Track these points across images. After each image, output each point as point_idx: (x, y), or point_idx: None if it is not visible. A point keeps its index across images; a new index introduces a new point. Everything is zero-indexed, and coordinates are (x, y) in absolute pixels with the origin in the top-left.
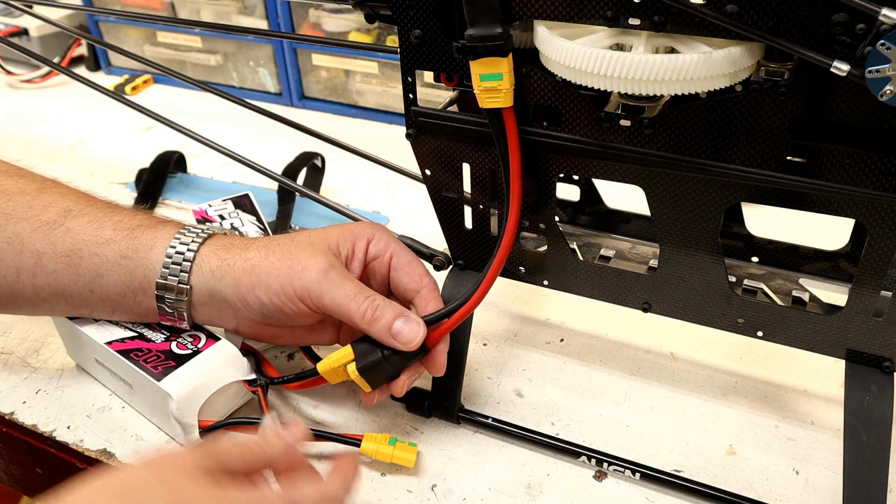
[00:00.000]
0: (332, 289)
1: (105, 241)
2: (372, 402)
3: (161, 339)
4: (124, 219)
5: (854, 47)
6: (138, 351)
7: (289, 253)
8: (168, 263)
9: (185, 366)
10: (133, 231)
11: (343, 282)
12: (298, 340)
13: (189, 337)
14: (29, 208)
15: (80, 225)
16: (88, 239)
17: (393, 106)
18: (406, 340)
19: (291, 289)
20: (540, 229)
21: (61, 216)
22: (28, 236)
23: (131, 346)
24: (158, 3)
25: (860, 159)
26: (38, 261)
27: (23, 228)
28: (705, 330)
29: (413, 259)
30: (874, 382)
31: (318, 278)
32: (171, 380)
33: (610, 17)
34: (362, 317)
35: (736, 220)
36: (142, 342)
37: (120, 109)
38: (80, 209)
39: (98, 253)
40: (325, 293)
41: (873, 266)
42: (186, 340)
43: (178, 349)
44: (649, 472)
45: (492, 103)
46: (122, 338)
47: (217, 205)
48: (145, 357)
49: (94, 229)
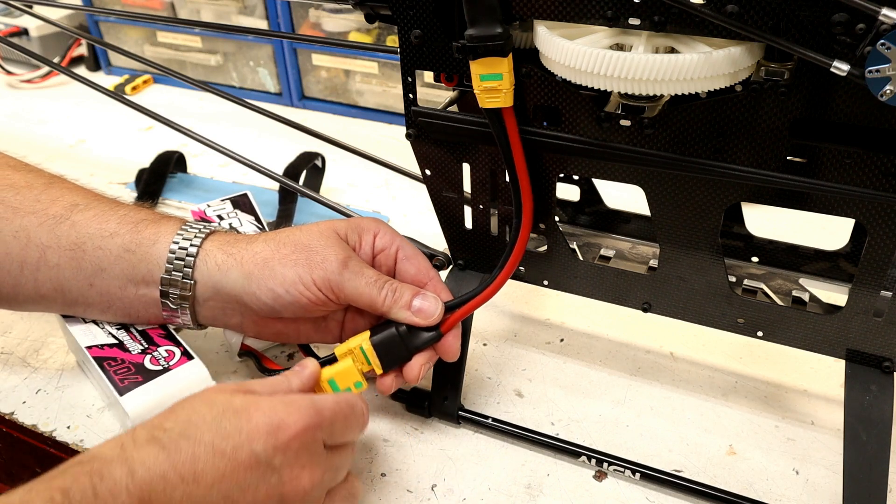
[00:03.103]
0: (353, 277)
1: (109, 234)
2: (386, 388)
3: (138, 350)
4: (129, 213)
5: (854, 47)
6: (112, 360)
7: (302, 244)
8: (172, 259)
9: (150, 382)
10: (137, 225)
11: (363, 270)
12: (302, 338)
13: (165, 352)
14: (36, 202)
15: (86, 218)
16: (93, 232)
17: (393, 106)
18: (427, 315)
19: (310, 278)
20: (540, 229)
21: (68, 210)
22: (34, 230)
23: (108, 353)
24: (158, 3)
25: (860, 159)
26: (42, 255)
27: (30, 222)
28: (705, 330)
29: (418, 252)
30: (874, 382)
31: (339, 268)
32: (133, 396)
33: (610, 17)
34: (384, 301)
35: (736, 220)
36: (119, 351)
37: (120, 109)
38: (86, 203)
39: (101, 246)
40: (346, 282)
41: (873, 266)
42: (161, 356)
43: (150, 364)
44: (649, 472)
45: (492, 103)
46: (102, 344)
47: (216, 205)
48: (116, 368)
49: (99, 223)
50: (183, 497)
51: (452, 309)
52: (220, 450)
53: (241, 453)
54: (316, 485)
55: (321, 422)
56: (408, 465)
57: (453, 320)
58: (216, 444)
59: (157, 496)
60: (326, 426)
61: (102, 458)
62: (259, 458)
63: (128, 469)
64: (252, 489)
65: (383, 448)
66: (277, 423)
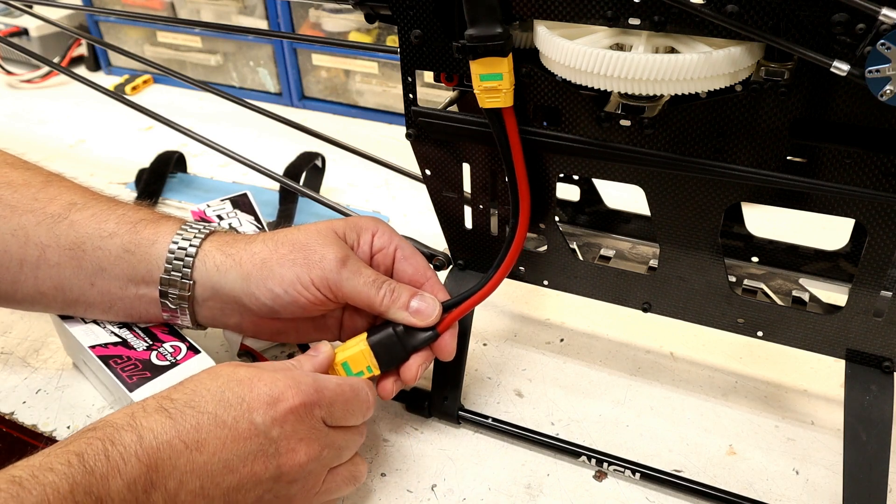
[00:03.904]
0: (352, 277)
1: (108, 234)
2: (387, 393)
3: (143, 347)
4: (127, 213)
5: (854, 47)
6: (118, 358)
7: (300, 244)
8: (171, 259)
9: (158, 378)
10: (136, 225)
11: (361, 269)
12: (301, 337)
13: (170, 347)
14: (34, 200)
15: (84, 218)
16: (92, 232)
17: (393, 106)
18: (425, 316)
19: (309, 278)
20: (540, 229)
21: (66, 209)
22: (33, 229)
23: (113, 352)
24: (158, 3)
25: (860, 159)
26: (42, 253)
27: (28, 221)
28: (705, 330)
29: (416, 252)
30: (874, 382)
31: (338, 267)
32: (143, 392)
33: (610, 16)
34: (381, 301)
35: (736, 220)
36: (123, 349)
37: (120, 109)
38: (84, 202)
39: (101, 247)
40: (345, 282)
41: (873, 266)
42: (167, 351)
43: (156, 360)
44: (649, 472)
45: (492, 103)
46: (106, 343)
47: (215, 205)
48: (123, 365)
49: (97, 223)
50: (187, 463)
51: (449, 309)
52: (221, 419)
53: (241, 423)
54: (313, 459)
55: (320, 399)
56: (408, 465)
57: (450, 320)
58: (218, 414)
59: (163, 462)
60: (326, 404)
61: (114, 426)
62: (258, 428)
63: (137, 436)
64: (251, 458)
65: (383, 448)
66: (277, 395)
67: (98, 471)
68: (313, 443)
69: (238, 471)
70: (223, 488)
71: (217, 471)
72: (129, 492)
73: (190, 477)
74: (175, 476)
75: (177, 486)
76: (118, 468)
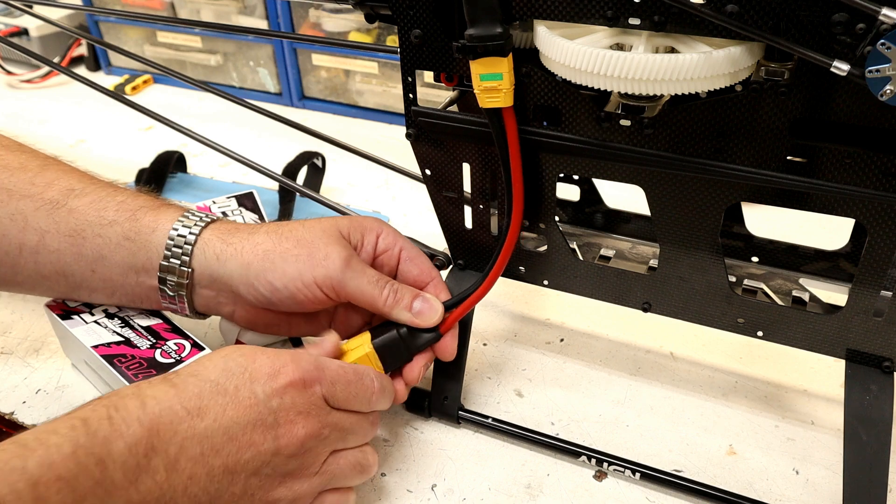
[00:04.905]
0: (356, 277)
1: (108, 222)
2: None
3: (146, 345)
4: (127, 200)
5: (854, 47)
6: (122, 357)
7: (304, 240)
8: (170, 246)
9: None
10: (136, 213)
11: (365, 270)
12: (293, 331)
13: (174, 345)
14: (31, 185)
15: (83, 205)
16: (92, 220)
17: (393, 106)
18: (427, 317)
19: (311, 276)
20: (540, 229)
21: (64, 195)
22: (32, 214)
23: (116, 351)
24: (158, 3)
25: (860, 159)
26: (41, 239)
27: (26, 206)
28: (705, 330)
29: (420, 253)
30: (874, 382)
31: (342, 267)
32: None
33: (610, 16)
34: (385, 301)
35: (736, 220)
36: (127, 348)
37: (120, 109)
38: (82, 188)
39: (101, 234)
40: (349, 281)
41: (873, 266)
42: (171, 349)
43: (161, 357)
44: (649, 472)
45: (492, 103)
46: (109, 342)
47: (221, 202)
48: (128, 364)
49: (97, 210)
50: (188, 429)
51: (449, 309)
52: (223, 387)
53: (242, 391)
54: (311, 435)
55: (320, 377)
56: (408, 465)
57: (451, 320)
58: (220, 382)
59: (164, 427)
60: (327, 383)
61: (119, 394)
62: (258, 397)
63: (140, 402)
64: (250, 427)
65: (383, 448)
66: (278, 368)
67: (101, 434)
68: (312, 418)
69: (237, 439)
70: (223, 456)
71: (217, 438)
72: (130, 455)
73: (191, 443)
74: (176, 441)
75: (177, 451)
76: (120, 432)
